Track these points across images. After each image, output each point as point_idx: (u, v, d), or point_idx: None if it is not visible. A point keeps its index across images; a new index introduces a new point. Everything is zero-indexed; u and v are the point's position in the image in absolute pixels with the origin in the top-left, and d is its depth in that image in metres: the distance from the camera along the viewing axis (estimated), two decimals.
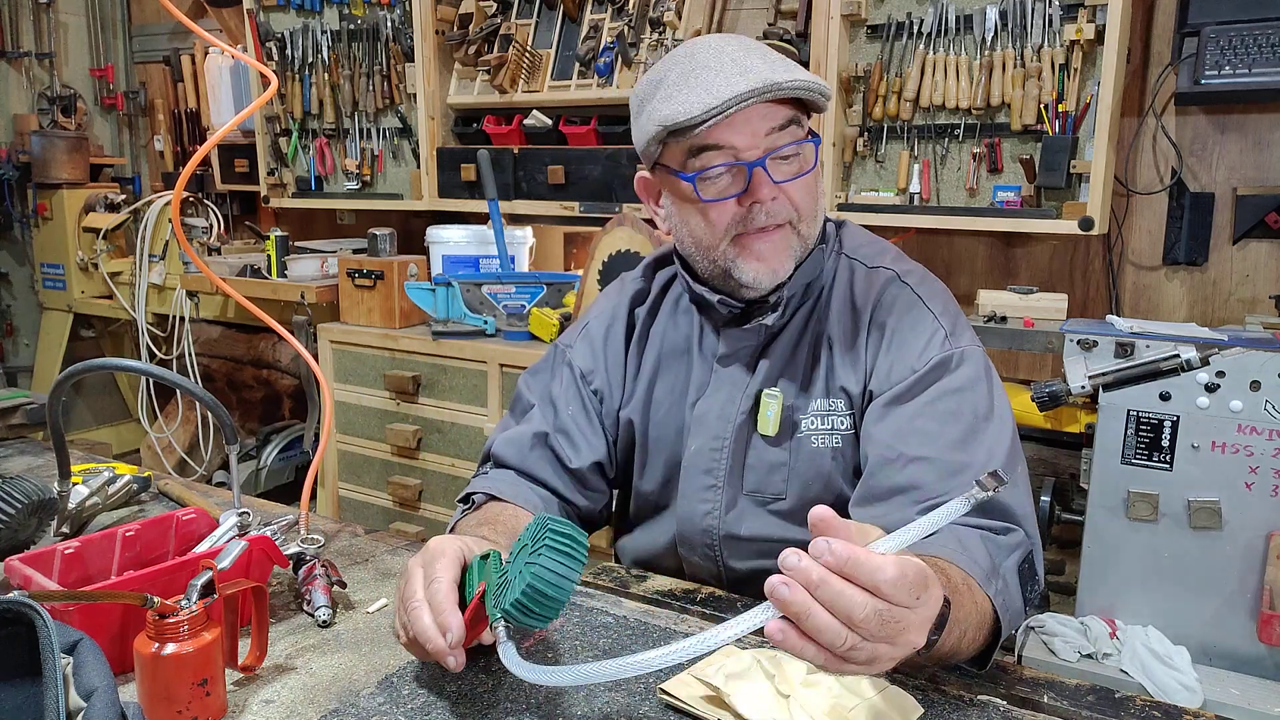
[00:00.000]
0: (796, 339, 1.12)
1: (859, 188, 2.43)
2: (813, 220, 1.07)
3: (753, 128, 0.99)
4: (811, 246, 1.09)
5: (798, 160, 1.03)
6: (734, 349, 1.13)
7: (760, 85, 0.95)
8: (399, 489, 2.78)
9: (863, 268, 1.13)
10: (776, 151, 1.01)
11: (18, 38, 3.91)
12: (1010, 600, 0.90)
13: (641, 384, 1.21)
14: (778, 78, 0.96)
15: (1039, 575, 0.97)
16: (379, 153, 3.14)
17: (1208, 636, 1.90)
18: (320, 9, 3.16)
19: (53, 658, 0.60)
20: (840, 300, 1.11)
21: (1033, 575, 0.95)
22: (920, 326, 1.06)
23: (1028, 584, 0.94)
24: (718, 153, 1.01)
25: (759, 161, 1.00)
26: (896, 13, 2.30)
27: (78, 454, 1.63)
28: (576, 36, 2.76)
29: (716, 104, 0.96)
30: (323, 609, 0.99)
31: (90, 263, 3.65)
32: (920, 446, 0.99)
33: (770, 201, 1.02)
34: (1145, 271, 2.48)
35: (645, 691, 0.84)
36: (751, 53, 1.01)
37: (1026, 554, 0.95)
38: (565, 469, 1.18)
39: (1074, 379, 1.94)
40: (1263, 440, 1.80)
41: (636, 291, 1.24)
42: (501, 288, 2.74)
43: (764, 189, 1.01)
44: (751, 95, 0.96)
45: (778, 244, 1.04)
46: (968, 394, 1.02)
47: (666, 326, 1.21)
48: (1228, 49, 2.10)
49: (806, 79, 0.98)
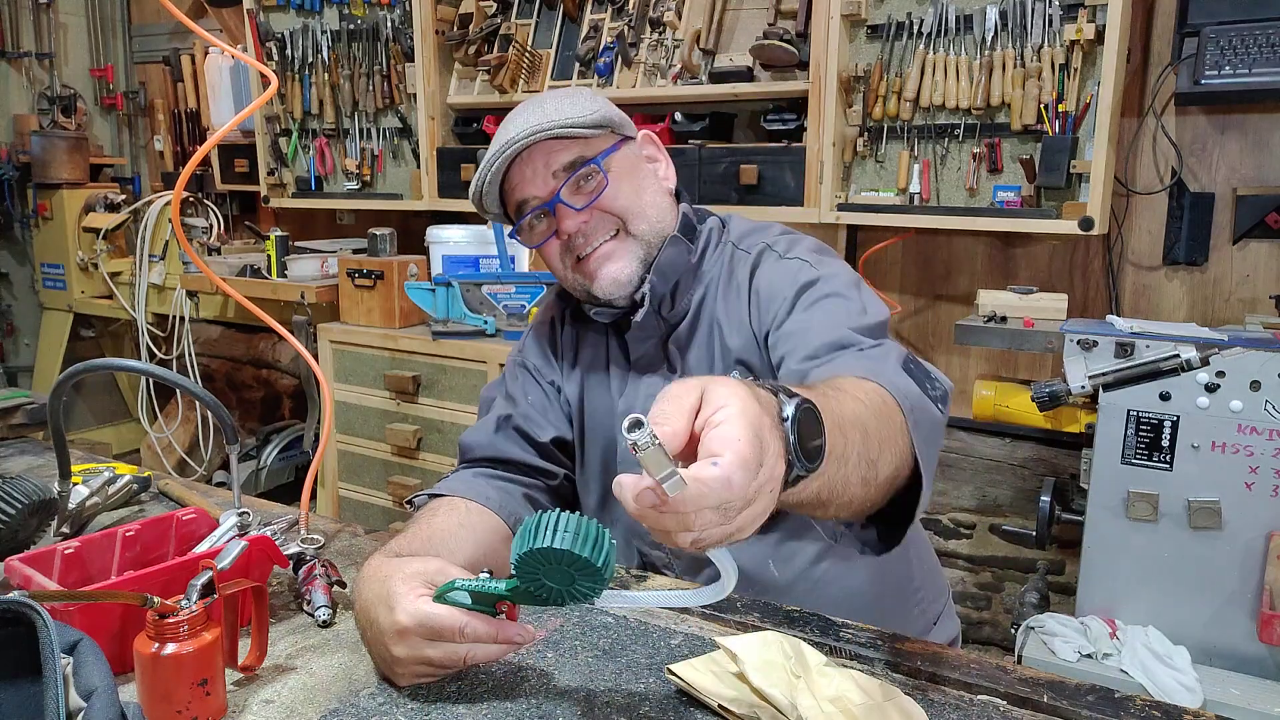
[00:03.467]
0: (692, 330, 1.17)
1: (859, 188, 2.43)
2: (641, 216, 1.14)
3: (540, 175, 1.11)
4: (659, 237, 1.15)
5: (596, 179, 1.12)
6: (641, 352, 1.19)
7: (521, 142, 1.08)
8: (399, 489, 2.78)
9: (743, 253, 1.19)
10: (568, 181, 1.11)
11: (18, 38, 3.91)
12: (912, 398, 0.86)
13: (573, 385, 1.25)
14: (539, 124, 1.08)
15: (931, 371, 0.93)
16: (379, 153, 3.14)
17: (1208, 636, 1.90)
18: (320, 9, 3.16)
19: (53, 658, 0.60)
20: (724, 284, 1.17)
21: (925, 373, 0.92)
22: (786, 269, 1.12)
23: (924, 381, 0.90)
24: (527, 204, 1.14)
25: (554, 199, 1.11)
26: (896, 13, 2.30)
27: (78, 454, 1.62)
28: (576, 36, 2.76)
29: (485, 177, 1.12)
30: (323, 609, 0.99)
31: (90, 263, 3.65)
32: (827, 332, 1.01)
33: (583, 226, 1.12)
34: (1145, 271, 2.48)
35: (647, 686, 0.84)
36: (530, 111, 1.12)
37: (903, 354, 0.94)
38: (533, 442, 1.22)
39: (1074, 379, 1.94)
40: (1263, 440, 1.80)
41: (560, 290, 1.30)
42: (501, 288, 2.74)
43: (567, 221, 1.12)
44: (497, 158, 1.09)
45: (612, 254, 1.14)
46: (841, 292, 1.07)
47: (587, 334, 1.26)
48: (1228, 49, 2.10)
49: (561, 117, 1.09)
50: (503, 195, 1.16)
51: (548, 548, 0.71)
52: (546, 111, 1.11)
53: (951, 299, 2.73)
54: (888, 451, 0.79)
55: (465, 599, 0.80)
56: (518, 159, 1.11)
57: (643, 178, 1.17)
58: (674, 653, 0.92)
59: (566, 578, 0.75)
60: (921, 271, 2.76)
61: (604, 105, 1.16)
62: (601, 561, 0.72)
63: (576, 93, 1.15)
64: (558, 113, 1.11)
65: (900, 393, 0.85)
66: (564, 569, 0.74)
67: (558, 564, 0.73)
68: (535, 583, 0.76)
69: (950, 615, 1.32)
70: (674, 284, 1.16)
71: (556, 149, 1.11)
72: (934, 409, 0.89)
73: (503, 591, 0.79)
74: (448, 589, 0.81)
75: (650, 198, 1.17)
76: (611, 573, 0.74)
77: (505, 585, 0.79)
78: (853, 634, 0.96)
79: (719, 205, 2.43)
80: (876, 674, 0.87)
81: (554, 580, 0.75)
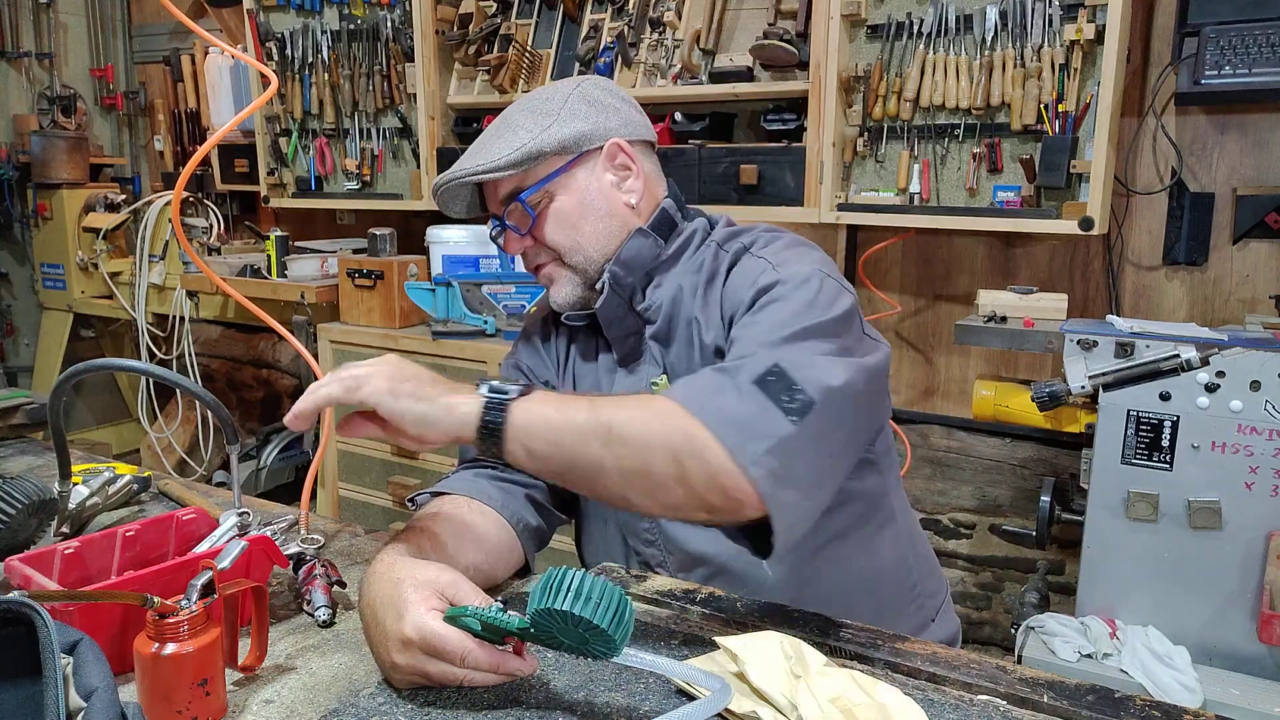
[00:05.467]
0: (671, 327, 1.18)
1: (859, 188, 2.43)
2: (576, 249, 1.17)
3: (493, 199, 1.18)
4: (596, 263, 1.17)
5: (524, 216, 1.16)
6: (624, 349, 1.20)
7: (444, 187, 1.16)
8: (399, 489, 2.78)
9: (724, 252, 1.18)
10: (507, 211, 1.17)
11: (18, 38, 3.91)
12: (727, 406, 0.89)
13: (567, 383, 1.27)
14: (462, 167, 1.14)
15: (796, 381, 0.92)
16: (379, 153, 3.14)
17: (1208, 636, 1.90)
18: (320, 9, 3.16)
19: (53, 658, 0.60)
20: (705, 283, 1.17)
21: (787, 384, 0.92)
22: (752, 270, 1.12)
23: (779, 394, 0.91)
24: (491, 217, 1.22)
25: (497, 226, 1.20)
26: (896, 13, 2.30)
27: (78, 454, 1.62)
28: (576, 36, 2.76)
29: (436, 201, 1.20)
30: (323, 609, 0.99)
31: (90, 263, 3.65)
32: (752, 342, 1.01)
33: (526, 249, 1.19)
34: (1145, 271, 2.48)
35: (646, 690, 0.84)
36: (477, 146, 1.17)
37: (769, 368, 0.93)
38: None
39: (1074, 379, 1.94)
40: (1263, 440, 1.80)
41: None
42: (501, 288, 2.74)
43: (511, 245, 1.20)
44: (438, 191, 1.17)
45: (553, 277, 1.20)
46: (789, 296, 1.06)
47: (577, 333, 1.27)
48: (1228, 49, 2.09)
49: (487, 159, 1.12)
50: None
51: (566, 611, 0.72)
52: (483, 147, 1.16)
53: (951, 299, 2.73)
54: (642, 454, 0.88)
55: (475, 626, 0.80)
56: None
57: (587, 204, 1.16)
58: (674, 652, 0.92)
59: (580, 638, 0.75)
60: (921, 271, 2.76)
61: (546, 131, 1.13)
62: (619, 634, 0.73)
63: (519, 122, 1.15)
64: (484, 155, 1.14)
65: (707, 412, 0.89)
66: (579, 630, 0.74)
67: (574, 625, 0.74)
68: (547, 633, 0.76)
69: (949, 611, 1.32)
70: (644, 276, 1.17)
71: (495, 184, 1.16)
72: (781, 423, 0.89)
73: (513, 629, 0.79)
74: (460, 613, 0.81)
75: (591, 227, 1.16)
76: (626, 642, 0.75)
77: (517, 623, 0.78)
78: (853, 634, 0.96)
79: (719, 205, 2.43)
80: (876, 674, 0.87)
81: (567, 637, 0.76)
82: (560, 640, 0.77)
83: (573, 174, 1.15)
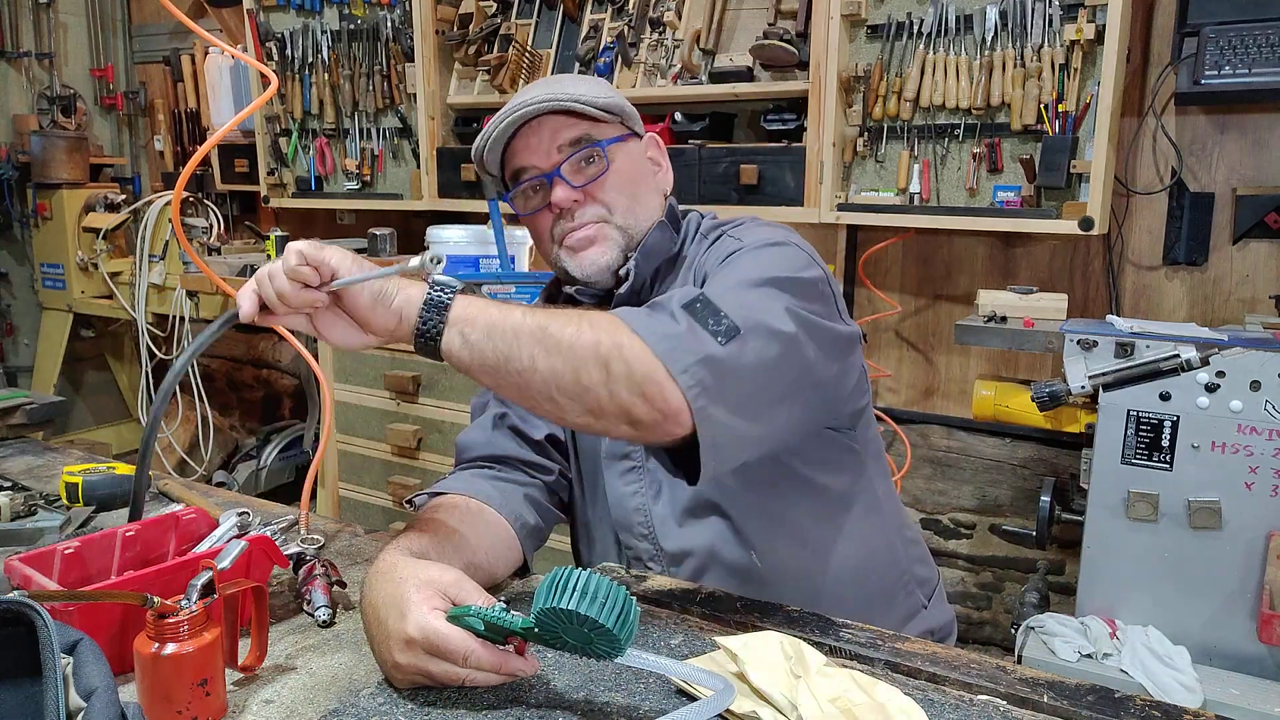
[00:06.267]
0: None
1: (859, 187, 2.43)
2: (630, 212, 1.17)
3: (545, 146, 1.14)
4: (640, 232, 1.18)
5: (598, 163, 1.15)
6: None
7: (533, 109, 1.12)
8: (399, 489, 2.78)
9: (708, 241, 1.20)
10: (571, 157, 1.13)
11: (18, 38, 3.91)
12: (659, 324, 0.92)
13: None
14: (553, 95, 1.12)
15: (721, 311, 0.94)
16: (379, 153, 3.14)
17: (1208, 636, 1.90)
18: (320, 9, 3.16)
19: (53, 658, 0.60)
20: (686, 270, 1.19)
21: (713, 310, 0.94)
22: (721, 249, 1.14)
23: (707, 318, 0.93)
24: (525, 172, 1.16)
25: (554, 171, 1.14)
26: (896, 13, 2.30)
27: (78, 454, 1.63)
28: (576, 36, 2.76)
29: (491, 134, 1.15)
30: (323, 609, 0.99)
31: (90, 263, 3.64)
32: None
33: (572, 204, 1.14)
34: (1145, 271, 2.48)
35: (646, 690, 0.84)
36: (547, 84, 1.16)
37: (695, 295, 0.96)
38: (528, 440, 1.23)
39: (1074, 379, 1.94)
40: (1263, 440, 1.80)
41: (547, 289, 1.32)
42: (501, 288, 2.73)
43: (559, 191, 1.14)
44: (508, 118, 1.12)
45: (594, 238, 1.16)
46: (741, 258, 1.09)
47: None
48: (1227, 49, 2.09)
49: (576, 93, 1.12)
50: (503, 160, 1.18)
51: (571, 610, 0.72)
52: (564, 86, 1.15)
53: (951, 299, 2.73)
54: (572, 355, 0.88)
55: (479, 625, 0.80)
56: (526, 126, 1.14)
57: (641, 176, 1.20)
58: (674, 652, 0.92)
59: (584, 637, 0.75)
60: (921, 271, 2.76)
61: (620, 96, 1.19)
62: (624, 634, 0.73)
63: (595, 78, 1.19)
64: (575, 89, 1.14)
65: (640, 326, 0.91)
66: (584, 630, 0.74)
67: (579, 625, 0.74)
68: (552, 633, 0.76)
69: (942, 600, 1.33)
70: (655, 270, 1.19)
71: (566, 124, 1.14)
72: (709, 343, 0.91)
73: (516, 629, 0.79)
74: (463, 613, 0.81)
75: (645, 197, 1.20)
76: (631, 642, 0.75)
77: (520, 623, 0.79)
78: (853, 634, 0.96)
79: (719, 205, 2.43)
80: (876, 674, 0.87)
81: (571, 636, 0.76)
82: (564, 640, 0.77)
83: (630, 146, 1.19)
